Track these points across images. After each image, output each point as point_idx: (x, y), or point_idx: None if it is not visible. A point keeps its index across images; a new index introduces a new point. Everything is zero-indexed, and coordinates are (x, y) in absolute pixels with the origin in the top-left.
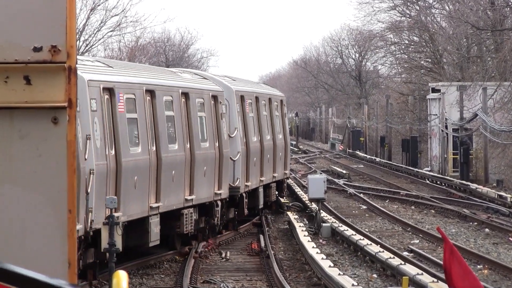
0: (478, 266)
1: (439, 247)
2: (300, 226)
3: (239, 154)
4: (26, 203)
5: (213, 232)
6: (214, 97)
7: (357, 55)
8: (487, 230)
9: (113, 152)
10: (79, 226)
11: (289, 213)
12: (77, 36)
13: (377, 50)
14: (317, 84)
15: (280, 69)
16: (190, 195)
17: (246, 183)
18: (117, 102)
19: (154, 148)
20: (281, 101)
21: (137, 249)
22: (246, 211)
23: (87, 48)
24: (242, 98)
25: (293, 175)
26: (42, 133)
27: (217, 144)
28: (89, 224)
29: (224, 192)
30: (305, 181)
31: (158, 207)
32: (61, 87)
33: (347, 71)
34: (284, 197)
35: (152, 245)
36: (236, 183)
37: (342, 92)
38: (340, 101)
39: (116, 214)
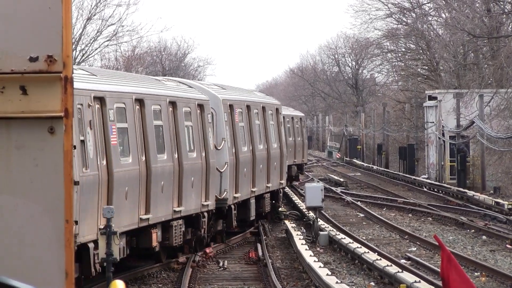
0: (476, 273)
1: (437, 255)
2: (297, 235)
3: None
4: (23, 213)
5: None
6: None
7: (353, 63)
8: (484, 237)
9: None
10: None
11: (286, 221)
12: (73, 46)
13: (373, 58)
14: (314, 93)
15: (277, 77)
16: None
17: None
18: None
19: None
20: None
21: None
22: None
23: (83, 57)
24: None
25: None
26: (38, 143)
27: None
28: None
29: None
30: (302, 190)
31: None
32: (58, 97)
33: (344, 79)
34: (282, 206)
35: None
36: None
37: (339, 100)
38: (337, 109)
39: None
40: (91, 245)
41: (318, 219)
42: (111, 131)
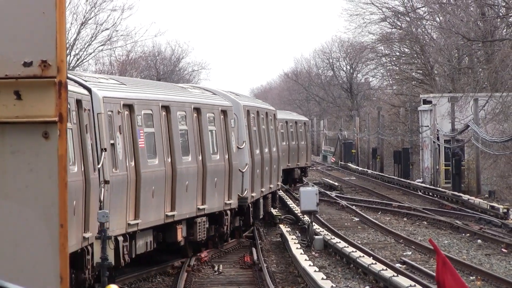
0: (471, 278)
1: (432, 259)
2: (292, 239)
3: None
4: (18, 217)
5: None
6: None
7: (348, 67)
8: (479, 241)
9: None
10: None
11: (281, 225)
12: (68, 51)
13: (368, 62)
14: (309, 97)
15: (271, 81)
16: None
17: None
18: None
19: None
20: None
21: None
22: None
23: (77, 62)
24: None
25: (285, 187)
26: (33, 148)
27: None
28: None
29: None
30: (297, 194)
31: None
32: (52, 102)
33: (338, 83)
34: (277, 210)
35: None
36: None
37: (333, 104)
38: (331, 113)
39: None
40: (120, 239)
41: (313, 223)
42: (139, 135)
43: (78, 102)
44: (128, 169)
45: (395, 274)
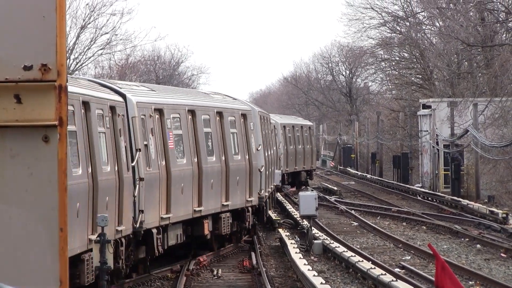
0: (470, 282)
1: (431, 264)
2: (291, 243)
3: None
4: (18, 221)
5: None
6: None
7: (347, 71)
8: (478, 246)
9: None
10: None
11: (280, 230)
12: (67, 55)
13: (367, 67)
14: (308, 101)
15: (271, 86)
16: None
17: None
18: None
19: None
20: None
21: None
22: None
23: (77, 66)
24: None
25: (284, 191)
26: (33, 152)
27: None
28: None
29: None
30: (296, 198)
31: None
32: (52, 105)
33: (338, 88)
34: (276, 214)
35: None
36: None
37: (332, 109)
38: (330, 118)
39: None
40: (154, 231)
41: (312, 228)
42: (168, 136)
43: (112, 109)
44: (160, 168)
45: (394, 279)
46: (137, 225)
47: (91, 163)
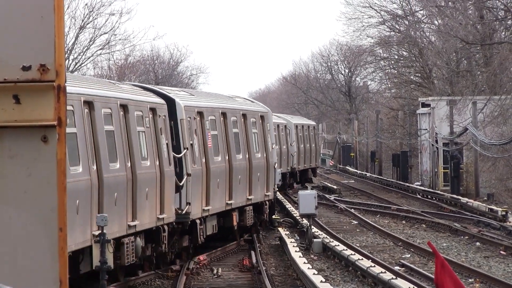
0: (470, 280)
1: (431, 261)
2: (291, 242)
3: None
4: (17, 222)
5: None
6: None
7: (346, 70)
8: (478, 243)
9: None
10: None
11: (280, 229)
12: (66, 55)
13: (366, 66)
14: (307, 100)
15: (270, 85)
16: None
17: (276, 189)
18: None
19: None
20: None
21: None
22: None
23: (76, 66)
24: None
25: (283, 190)
26: (32, 152)
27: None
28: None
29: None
30: (296, 197)
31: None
32: (51, 106)
33: (337, 87)
34: (275, 213)
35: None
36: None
37: (332, 107)
38: (330, 116)
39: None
40: (198, 222)
41: (312, 227)
42: (207, 136)
43: (153, 110)
44: (202, 165)
45: (394, 277)
46: (184, 214)
47: (130, 158)
